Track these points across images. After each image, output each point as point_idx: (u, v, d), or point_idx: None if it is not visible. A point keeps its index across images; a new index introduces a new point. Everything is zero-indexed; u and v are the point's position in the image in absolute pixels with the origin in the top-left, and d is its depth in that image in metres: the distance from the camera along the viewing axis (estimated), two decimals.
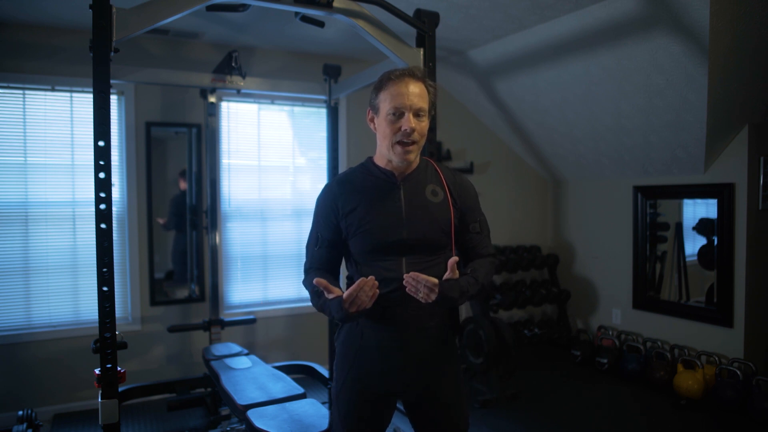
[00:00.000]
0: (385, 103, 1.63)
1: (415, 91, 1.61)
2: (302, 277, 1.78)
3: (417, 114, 1.61)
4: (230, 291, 4.26)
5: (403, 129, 1.59)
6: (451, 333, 1.75)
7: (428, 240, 1.64)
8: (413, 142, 1.61)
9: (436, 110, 2.58)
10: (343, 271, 1.80)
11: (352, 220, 1.65)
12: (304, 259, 1.79)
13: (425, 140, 1.67)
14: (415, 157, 1.66)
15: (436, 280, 1.54)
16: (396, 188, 1.67)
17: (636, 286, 4.55)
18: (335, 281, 1.72)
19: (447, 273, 1.57)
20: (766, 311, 3.85)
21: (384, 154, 1.68)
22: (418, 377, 1.67)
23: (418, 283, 1.52)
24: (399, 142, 1.61)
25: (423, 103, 1.62)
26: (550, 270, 5.20)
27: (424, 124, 1.64)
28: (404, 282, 1.54)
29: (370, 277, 1.51)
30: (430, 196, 1.68)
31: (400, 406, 1.80)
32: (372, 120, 1.70)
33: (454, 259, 1.57)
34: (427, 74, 2.49)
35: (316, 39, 4.00)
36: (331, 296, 1.56)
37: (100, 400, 2.05)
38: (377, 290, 1.52)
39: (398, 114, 1.60)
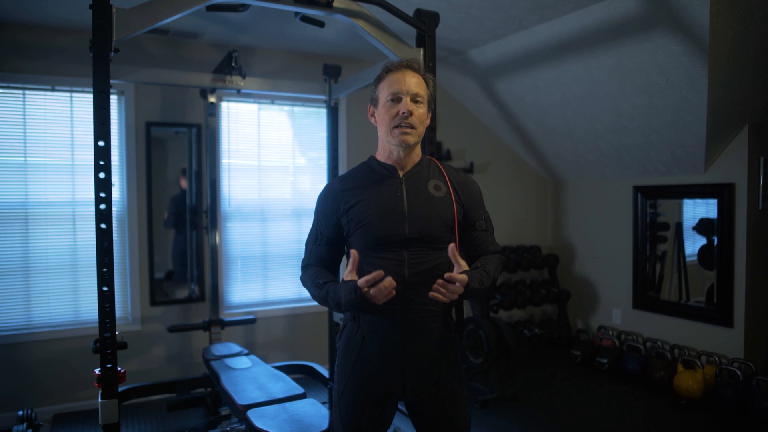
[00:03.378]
0: (383, 92, 1.66)
1: (413, 80, 1.64)
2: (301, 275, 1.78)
3: (414, 99, 1.63)
4: (230, 291, 4.26)
5: (401, 112, 1.61)
6: (453, 333, 1.75)
7: (430, 235, 1.63)
8: (411, 126, 1.62)
9: (435, 109, 2.59)
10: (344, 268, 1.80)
11: (354, 214, 1.65)
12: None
13: (424, 128, 1.68)
14: (414, 142, 1.65)
15: (465, 277, 1.51)
16: (398, 182, 1.67)
17: (636, 286, 4.55)
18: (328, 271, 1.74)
19: (456, 267, 1.54)
20: (766, 311, 3.85)
21: (384, 145, 1.69)
22: (419, 378, 1.66)
23: (449, 286, 1.49)
24: (397, 126, 1.62)
25: (420, 90, 1.64)
26: (550, 270, 5.20)
27: (422, 111, 1.65)
28: (432, 290, 1.50)
29: (388, 278, 1.49)
30: (432, 190, 1.68)
31: (401, 406, 1.80)
32: (373, 114, 1.71)
33: (452, 246, 1.55)
34: (430, 72, 2.50)
35: (316, 39, 4.00)
36: (348, 278, 1.53)
37: (100, 400, 2.05)
38: (394, 291, 1.50)
39: (396, 99, 1.63)
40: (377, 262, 1.62)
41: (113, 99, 3.84)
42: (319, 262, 1.74)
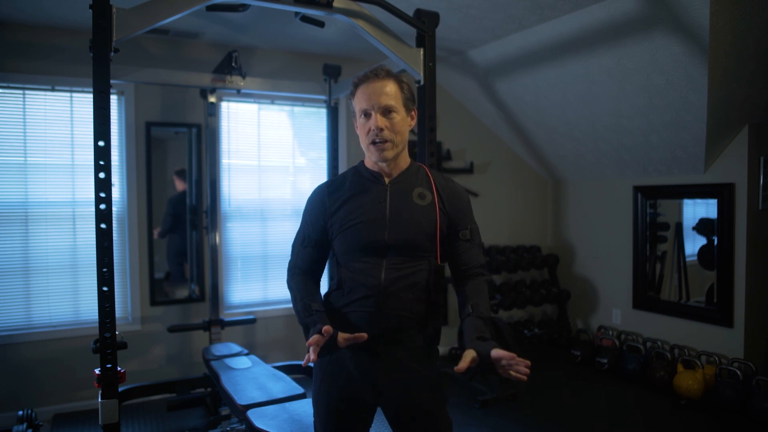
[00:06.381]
0: (356, 108, 1.66)
1: (382, 90, 1.61)
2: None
3: (386, 112, 1.61)
4: (230, 291, 4.26)
5: (371, 129, 1.60)
6: (429, 340, 1.70)
7: (410, 243, 1.61)
8: (385, 140, 1.60)
9: (435, 108, 2.60)
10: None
11: (337, 219, 1.65)
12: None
13: (405, 135, 1.66)
14: (393, 155, 1.63)
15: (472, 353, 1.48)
16: (383, 189, 1.66)
17: (636, 286, 4.55)
18: (317, 284, 1.73)
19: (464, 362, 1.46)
20: (766, 311, 3.85)
21: (368, 156, 1.69)
22: (393, 385, 1.64)
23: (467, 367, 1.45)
24: (372, 142, 1.61)
25: (391, 101, 1.61)
26: (550, 270, 5.20)
27: (398, 119, 1.62)
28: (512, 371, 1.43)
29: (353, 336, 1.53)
30: (416, 199, 1.66)
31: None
32: (357, 127, 1.70)
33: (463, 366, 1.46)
34: (430, 73, 2.48)
35: (316, 39, 4.00)
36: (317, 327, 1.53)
37: (100, 400, 2.05)
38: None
39: (367, 115, 1.62)
40: (356, 266, 1.62)
41: (113, 99, 3.84)
42: (307, 264, 1.74)
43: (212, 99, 3.79)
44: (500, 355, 1.42)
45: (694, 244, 4.18)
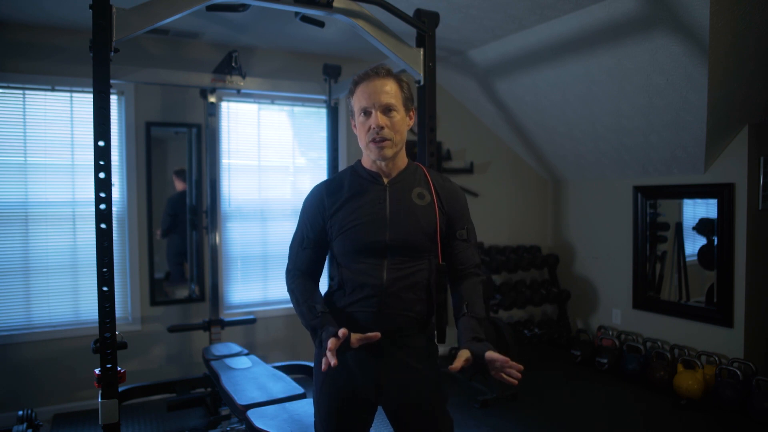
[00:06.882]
0: (355, 106, 1.65)
1: (383, 89, 1.60)
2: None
3: (386, 111, 1.60)
4: (230, 291, 4.26)
5: (372, 127, 1.60)
6: (429, 339, 1.72)
7: (411, 243, 1.62)
8: (385, 138, 1.60)
9: (435, 108, 2.60)
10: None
11: (337, 220, 1.64)
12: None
13: (404, 134, 1.66)
14: (392, 153, 1.63)
15: (466, 353, 1.53)
16: (382, 190, 1.66)
17: (636, 286, 4.55)
18: (316, 285, 1.73)
19: (458, 361, 1.50)
20: (766, 311, 3.85)
21: (366, 156, 1.69)
22: (394, 385, 1.64)
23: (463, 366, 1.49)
24: (372, 140, 1.61)
25: (391, 99, 1.61)
26: (550, 270, 5.20)
27: (398, 118, 1.62)
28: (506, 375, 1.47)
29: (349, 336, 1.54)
30: (416, 199, 1.66)
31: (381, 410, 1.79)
32: (354, 126, 1.70)
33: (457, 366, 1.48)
34: (430, 73, 2.49)
35: (316, 39, 4.00)
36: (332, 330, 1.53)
37: (100, 400, 2.05)
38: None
39: (367, 113, 1.62)
40: (358, 267, 1.62)
41: (113, 99, 3.84)
42: (305, 265, 1.73)
43: (212, 99, 3.79)
44: (494, 357, 1.47)
45: (694, 244, 4.18)
